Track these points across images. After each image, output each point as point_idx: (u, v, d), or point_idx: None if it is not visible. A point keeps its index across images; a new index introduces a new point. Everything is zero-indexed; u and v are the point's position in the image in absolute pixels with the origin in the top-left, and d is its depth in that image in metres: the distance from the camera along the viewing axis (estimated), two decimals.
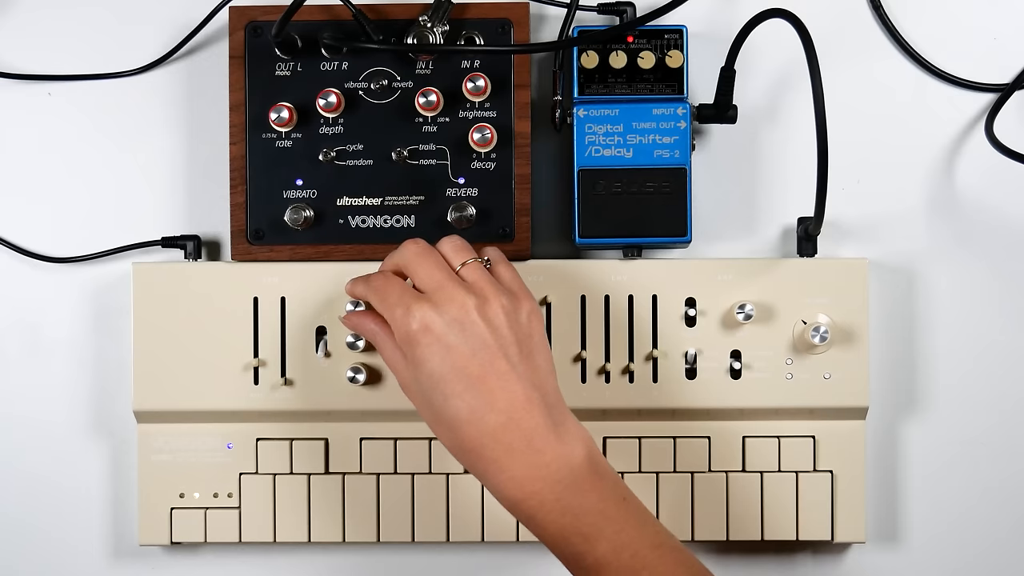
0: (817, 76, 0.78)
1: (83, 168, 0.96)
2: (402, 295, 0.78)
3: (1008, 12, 0.96)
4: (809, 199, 0.85)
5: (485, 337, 0.77)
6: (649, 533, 0.77)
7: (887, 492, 0.96)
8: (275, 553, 0.96)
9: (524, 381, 0.77)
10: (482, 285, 0.78)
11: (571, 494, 0.76)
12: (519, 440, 0.76)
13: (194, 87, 0.96)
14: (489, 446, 0.76)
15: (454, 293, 0.77)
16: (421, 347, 0.77)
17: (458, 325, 0.76)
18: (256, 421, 0.92)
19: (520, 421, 0.76)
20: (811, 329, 0.89)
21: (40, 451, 0.96)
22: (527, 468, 0.76)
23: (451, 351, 0.76)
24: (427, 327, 0.76)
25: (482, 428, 0.76)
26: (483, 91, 0.90)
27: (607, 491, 0.77)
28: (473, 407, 0.76)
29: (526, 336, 0.79)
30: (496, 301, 0.78)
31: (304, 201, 0.91)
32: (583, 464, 0.77)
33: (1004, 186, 0.95)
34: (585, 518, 0.76)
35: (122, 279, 0.95)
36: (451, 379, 0.76)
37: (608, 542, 0.75)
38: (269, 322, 0.91)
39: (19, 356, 0.96)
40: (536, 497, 0.76)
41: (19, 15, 0.97)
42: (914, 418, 0.96)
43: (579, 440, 0.78)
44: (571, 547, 0.76)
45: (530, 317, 0.79)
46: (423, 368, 0.77)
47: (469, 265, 0.80)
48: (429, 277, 0.79)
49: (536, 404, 0.77)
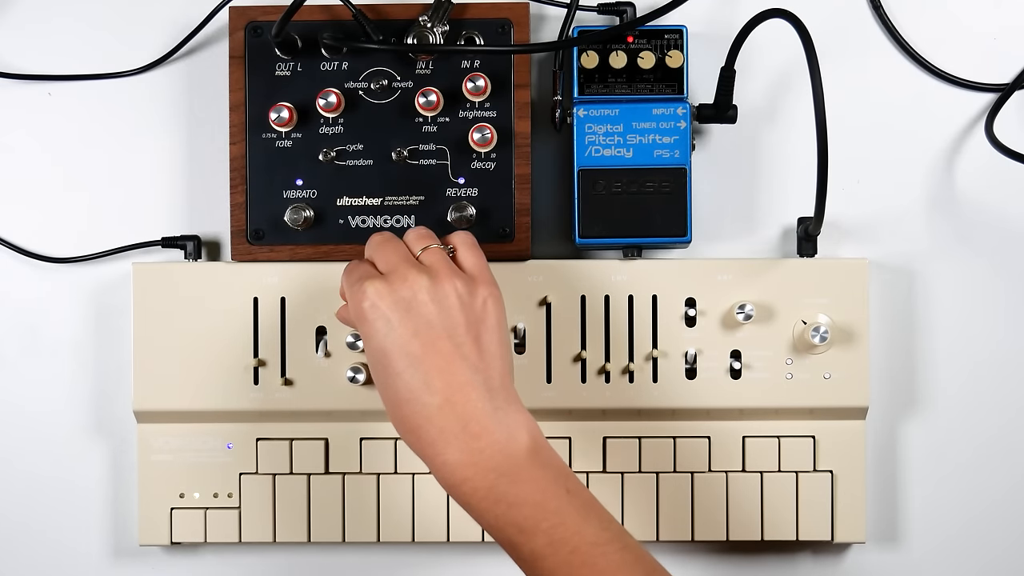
0: (817, 76, 0.78)
1: (83, 168, 0.96)
2: (361, 276, 0.78)
3: (1008, 12, 0.96)
4: (809, 199, 0.85)
5: (431, 317, 0.76)
6: (593, 529, 0.74)
7: (887, 492, 0.96)
8: (275, 553, 0.96)
9: (466, 364, 0.76)
10: (438, 268, 0.77)
11: (506, 483, 0.74)
12: (454, 423, 0.75)
13: (194, 87, 0.96)
14: (425, 427, 0.75)
15: (407, 273, 0.76)
16: (368, 323, 0.76)
17: (404, 303, 0.76)
18: (256, 421, 0.92)
19: (456, 404, 0.75)
20: (811, 329, 0.89)
21: (40, 451, 0.96)
22: (461, 453, 0.75)
23: (394, 329, 0.75)
24: (375, 304, 0.76)
25: (419, 408, 0.75)
26: (483, 91, 0.90)
27: (547, 482, 0.75)
28: (411, 386, 0.75)
29: (477, 320, 0.77)
30: (449, 283, 0.77)
31: (304, 201, 0.91)
32: (522, 453, 0.75)
33: (1004, 186, 0.95)
34: (521, 509, 0.74)
35: (122, 279, 0.95)
36: (393, 357, 0.75)
37: (545, 536, 0.74)
38: (269, 322, 0.91)
39: (19, 356, 0.96)
40: (469, 483, 0.75)
41: (19, 15, 0.97)
42: (914, 418, 0.96)
43: (521, 427, 0.76)
44: (506, 537, 0.75)
45: (486, 302, 0.78)
46: (370, 344, 0.76)
47: (430, 250, 0.79)
48: (387, 260, 0.78)
49: (476, 388, 0.75)
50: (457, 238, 0.81)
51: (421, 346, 0.75)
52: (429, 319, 0.76)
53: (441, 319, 0.76)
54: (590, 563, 0.73)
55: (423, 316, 0.76)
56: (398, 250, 0.79)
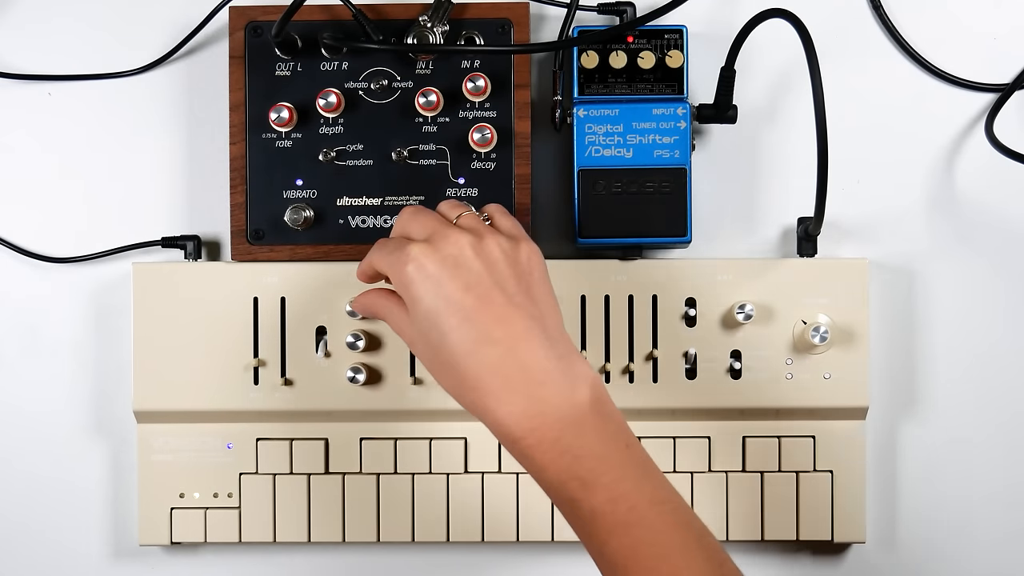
0: (817, 76, 0.78)
1: (83, 168, 0.96)
2: (399, 244, 0.76)
3: (1008, 12, 0.96)
4: (809, 199, 0.85)
5: (480, 271, 0.74)
6: (650, 487, 0.73)
7: (887, 492, 0.96)
8: (275, 553, 0.96)
9: (523, 312, 0.74)
10: (479, 227, 0.76)
11: (572, 434, 0.72)
12: (518, 372, 0.73)
13: (194, 87, 0.96)
14: (487, 379, 0.73)
15: (448, 233, 0.75)
16: (415, 286, 0.74)
17: (451, 260, 0.74)
18: (256, 421, 0.92)
19: (519, 352, 0.73)
20: (811, 329, 0.89)
21: (40, 451, 0.96)
22: (527, 402, 0.72)
23: (444, 286, 0.74)
24: (421, 266, 0.74)
25: (480, 360, 0.73)
26: (483, 91, 0.90)
27: (609, 435, 0.73)
28: (469, 339, 0.73)
29: (525, 273, 0.76)
30: (492, 239, 0.76)
31: (304, 201, 0.91)
32: (587, 403, 0.73)
33: (1004, 186, 0.95)
34: (585, 462, 0.72)
35: (122, 279, 0.95)
36: (446, 313, 0.73)
37: (606, 491, 0.72)
38: (269, 322, 0.91)
39: (19, 356, 0.96)
40: (535, 434, 0.72)
41: (19, 15, 0.97)
42: (914, 418, 0.96)
43: (584, 377, 0.74)
44: (567, 492, 0.72)
45: (530, 257, 0.77)
46: (419, 307, 0.74)
47: (465, 215, 0.78)
48: (424, 226, 0.77)
49: (536, 336, 0.73)
50: (490, 207, 0.81)
51: (475, 299, 0.73)
52: (478, 273, 0.74)
53: (489, 273, 0.74)
54: (647, 522, 0.72)
55: (472, 271, 0.74)
56: (434, 217, 0.77)
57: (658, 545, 0.72)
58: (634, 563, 0.71)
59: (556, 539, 0.92)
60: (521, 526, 0.92)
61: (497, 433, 0.74)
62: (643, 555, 0.71)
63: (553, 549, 0.95)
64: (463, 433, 0.92)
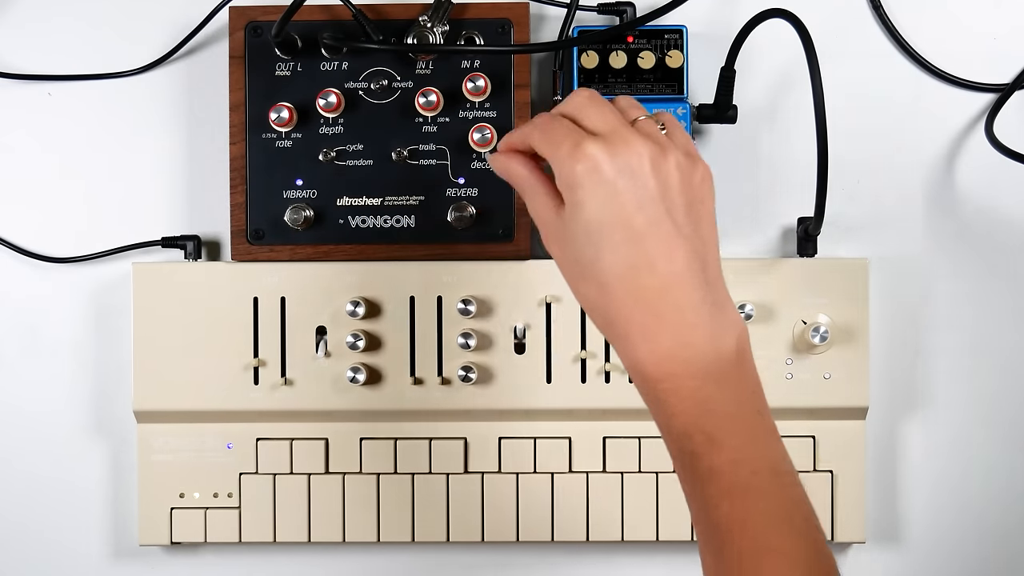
0: (817, 76, 0.78)
1: (83, 168, 0.96)
2: (571, 132, 0.68)
3: (1008, 12, 0.96)
4: (809, 199, 0.85)
5: (653, 191, 0.67)
6: (775, 456, 0.69)
7: (887, 492, 0.96)
8: (275, 553, 0.96)
9: (688, 247, 0.68)
10: (659, 138, 0.69)
11: (712, 387, 0.68)
12: (672, 311, 0.67)
13: (194, 87, 0.96)
14: (638, 310, 0.67)
15: (630, 138, 0.67)
16: (585, 189, 0.67)
17: (629, 172, 0.67)
18: (256, 421, 0.92)
19: (676, 290, 0.67)
20: (811, 329, 0.89)
21: (40, 451, 0.96)
22: (673, 343, 0.67)
23: (617, 198, 0.66)
24: (596, 167, 0.66)
25: (635, 289, 0.67)
26: (483, 91, 0.90)
27: (746, 395, 0.69)
28: (631, 263, 0.67)
29: (697, 201, 0.69)
30: (672, 155, 0.68)
31: (304, 201, 0.91)
32: (731, 357, 0.69)
33: (1004, 186, 0.95)
34: (716, 418, 0.68)
35: (122, 279, 0.95)
36: (612, 229, 0.67)
37: (731, 452, 0.67)
38: (269, 322, 0.91)
39: (19, 356, 0.96)
40: (674, 380, 0.67)
41: (19, 15, 0.97)
42: (914, 418, 0.96)
43: (732, 329, 0.69)
44: (691, 445, 0.68)
45: (704, 180, 0.70)
46: (582, 212, 0.67)
47: (644, 121, 0.70)
48: (603, 121, 0.69)
49: (695, 276, 0.68)
50: (665, 115, 0.72)
51: (645, 222, 0.67)
52: (652, 193, 0.67)
53: (662, 195, 0.67)
54: (764, 491, 0.68)
55: (646, 188, 0.67)
56: (614, 112, 0.70)
57: (770, 517, 0.68)
58: (741, 531, 0.68)
59: (556, 539, 0.92)
60: (521, 526, 0.92)
61: (631, 369, 0.69)
62: (752, 524, 0.68)
63: (553, 549, 0.95)
64: (463, 433, 0.92)
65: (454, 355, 0.91)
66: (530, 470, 0.92)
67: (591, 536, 0.92)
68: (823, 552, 0.70)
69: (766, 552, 0.69)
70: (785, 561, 0.69)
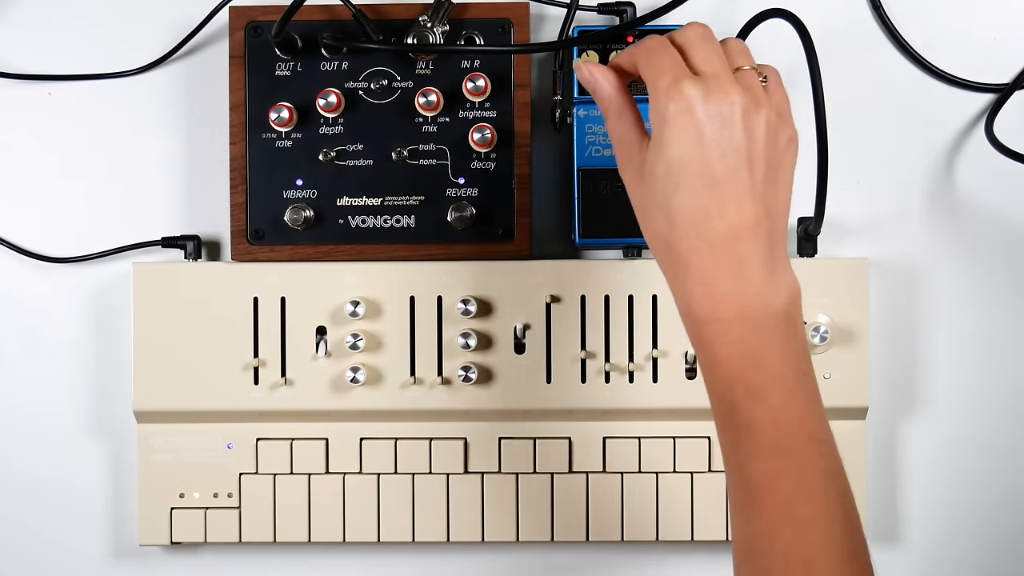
0: (817, 76, 0.78)
1: (83, 168, 0.96)
2: (675, 66, 0.71)
3: (1008, 12, 0.96)
4: (809, 199, 0.85)
5: (739, 144, 0.70)
6: (815, 422, 0.70)
7: (887, 492, 0.96)
8: (275, 553, 0.96)
9: (761, 204, 0.70)
10: (756, 92, 0.71)
11: (758, 339, 0.70)
12: (732, 259, 0.70)
13: (194, 87, 0.96)
14: (702, 252, 0.70)
15: (728, 87, 0.70)
16: (674, 127, 0.69)
17: (719, 119, 0.69)
18: (256, 421, 0.92)
19: (741, 240, 0.70)
20: (811, 329, 0.89)
21: (40, 451, 0.96)
22: (728, 290, 0.70)
23: (702, 143, 0.69)
24: (688, 109, 0.69)
25: (702, 232, 0.69)
26: (483, 91, 0.90)
27: (792, 356, 0.71)
28: (702, 206, 0.69)
29: (777, 162, 0.72)
30: (765, 112, 0.71)
31: (304, 201, 0.91)
32: (782, 315, 0.71)
33: (1004, 186, 0.95)
34: (760, 372, 0.70)
35: (122, 279, 0.95)
36: (691, 171, 0.69)
37: (770, 410, 0.69)
38: (269, 322, 0.91)
39: (19, 356, 0.96)
40: (723, 324, 0.70)
41: (19, 15, 0.97)
42: (914, 418, 0.96)
43: (788, 289, 0.71)
44: (731, 395, 0.70)
45: (790, 143, 0.73)
46: (666, 149, 0.70)
47: (747, 71, 0.72)
48: (708, 61, 0.71)
49: (762, 232, 0.70)
50: (768, 69, 0.75)
51: (724, 170, 0.69)
52: (737, 145, 0.70)
53: (747, 149, 0.70)
54: (800, 455, 0.69)
55: (733, 139, 0.70)
56: (721, 57, 0.72)
57: (803, 483, 0.70)
58: (773, 491, 0.69)
59: (556, 539, 0.92)
60: (521, 526, 0.92)
61: (684, 308, 0.72)
62: (785, 486, 0.69)
63: (553, 549, 0.95)
64: (463, 433, 0.92)
65: (454, 355, 0.91)
66: (530, 470, 0.92)
67: (591, 536, 0.92)
68: (854, 529, 0.70)
69: (795, 520, 0.69)
70: (813, 532, 0.69)
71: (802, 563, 0.69)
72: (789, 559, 0.69)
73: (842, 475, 0.71)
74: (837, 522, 0.70)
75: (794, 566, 0.69)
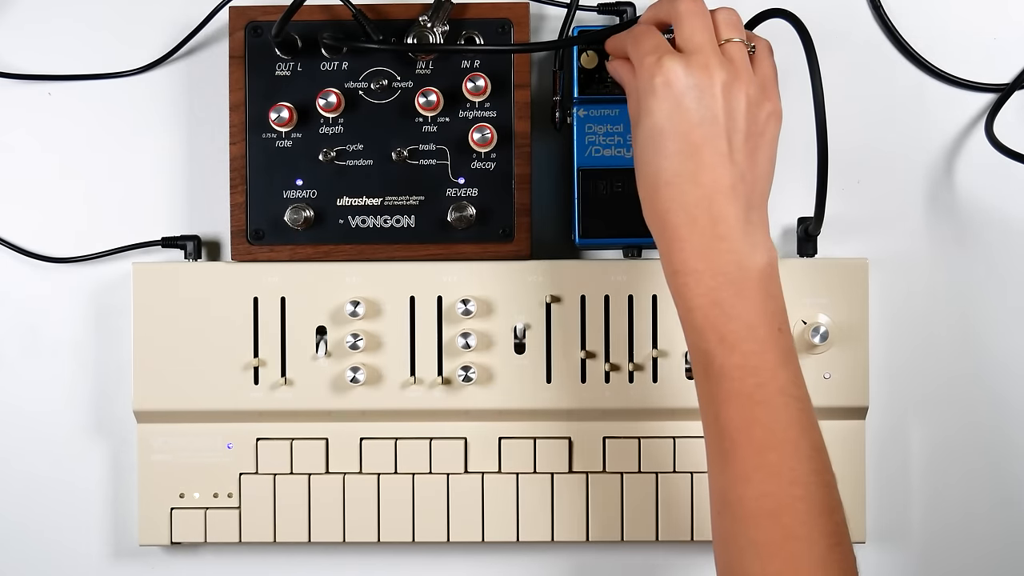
0: (817, 76, 0.78)
1: (83, 168, 0.96)
2: (658, 46, 0.76)
3: (1008, 12, 0.96)
4: (809, 199, 0.85)
5: (717, 113, 0.74)
6: (786, 377, 0.73)
7: (888, 492, 0.96)
8: (275, 553, 0.96)
9: (736, 170, 0.75)
10: (739, 66, 0.76)
11: (730, 292, 0.74)
12: (706, 218, 0.74)
13: (194, 87, 0.96)
14: (675, 212, 0.74)
15: (710, 60, 0.75)
16: (654, 98, 0.75)
17: (698, 90, 0.74)
18: (256, 421, 0.92)
19: (714, 203, 0.74)
20: (811, 329, 0.89)
21: (40, 451, 0.96)
22: (701, 245, 0.74)
23: (680, 111, 0.74)
24: (669, 81, 0.74)
25: (678, 194, 0.74)
26: (483, 91, 0.90)
27: (765, 311, 0.74)
28: (678, 172, 0.74)
29: (758, 132, 0.76)
30: (744, 86, 0.75)
31: (304, 201, 0.91)
32: (756, 272, 0.74)
33: (1004, 186, 0.95)
34: (732, 323, 0.73)
35: (122, 279, 0.95)
36: (669, 137, 0.74)
37: (741, 358, 0.73)
38: (269, 322, 0.91)
39: (19, 356, 0.96)
40: (695, 276, 0.74)
41: (19, 15, 0.97)
42: (914, 418, 0.96)
43: (764, 249, 0.75)
44: (705, 343, 0.74)
45: (770, 117, 0.77)
46: (648, 119, 0.75)
47: (734, 43, 0.77)
48: (692, 37, 0.76)
49: (737, 196, 0.74)
50: (760, 41, 0.80)
51: (701, 138, 0.74)
52: (715, 114, 0.74)
53: (726, 119, 0.75)
54: (769, 405, 0.72)
55: (711, 110, 0.74)
56: (707, 30, 0.76)
57: (773, 433, 0.72)
58: (745, 440, 0.72)
59: (556, 539, 0.92)
60: (521, 526, 0.92)
61: (665, 269, 0.76)
62: (755, 436, 0.72)
63: (553, 549, 0.95)
64: (463, 433, 0.92)
65: (454, 355, 0.91)
66: (530, 470, 0.92)
67: (591, 536, 0.92)
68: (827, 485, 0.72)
69: (765, 468, 0.72)
70: (782, 482, 0.71)
71: (770, 513, 0.71)
72: (758, 509, 0.72)
73: (816, 432, 0.73)
74: (809, 475, 0.72)
75: (763, 517, 0.71)
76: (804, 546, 0.71)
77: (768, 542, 0.71)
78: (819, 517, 0.71)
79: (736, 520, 0.73)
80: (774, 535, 0.71)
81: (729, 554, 0.73)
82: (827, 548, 0.71)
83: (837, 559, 0.71)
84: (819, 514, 0.71)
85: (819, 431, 0.74)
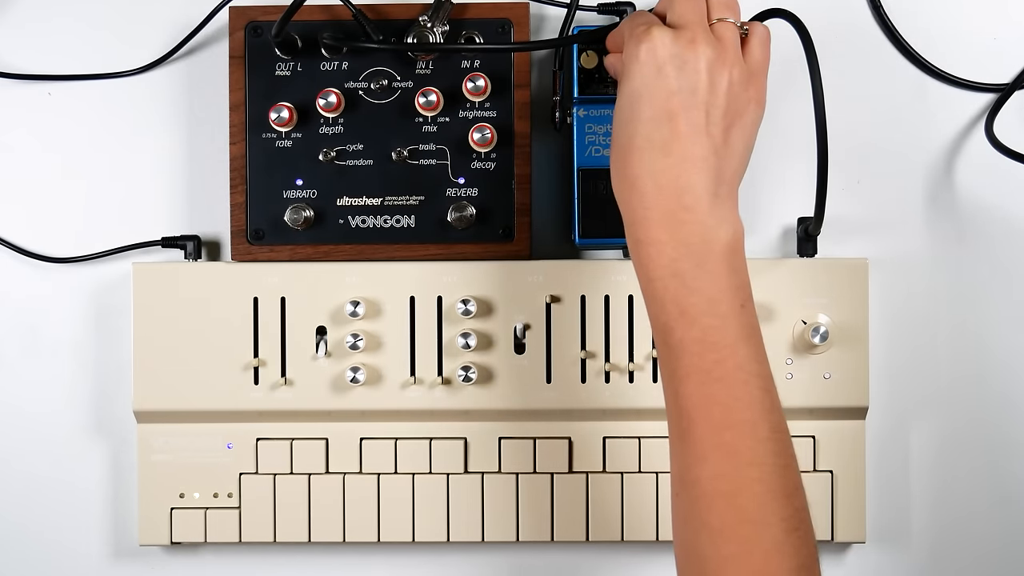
0: (817, 76, 0.78)
1: (83, 168, 0.96)
2: (651, 21, 0.76)
3: (1008, 12, 0.96)
4: (809, 199, 0.85)
5: (698, 87, 0.74)
6: (747, 352, 0.72)
7: (887, 492, 0.96)
8: (275, 553, 0.96)
9: (710, 143, 0.74)
10: (726, 46, 0.75)
11: (691, 264, 0.72)
12: (672, 188, 0.73)
13: (194, 87, 0.96)
14: (644, 180, 0.73)
15: (696, 36, 0.74)
16: (637, 63, 0.74)
17: (680, 60, 0.73)
18: (256, 421, 0.92)
19: (683, 173, 0.73)
20: (811, 329, 0.89)
21: (40, 451, 0.96)
22: (665, 215, 0.73)
23: (660, 77, 0.73)
24: (653, 49, 0.74)
25: (647, 160, 0.73)
26: (483, 91, 0.90)
27: (728, 287, 0.73)
28: (650, 138, 0.74)
29: (737, 112, 0.75)
30: (729, 67, 0.75)
31: (304, 201, 0.91)
32: (720, 246, 0.73)
33: (1004, 186, 0.95)
34: (692, 296, 0.72)
35: (122, 279, 0.95)
36: (646, 102, 0.74)
37: (700, 331, 0.71)
38: (269, 322, 0.91)
39: (19, 356, 0.96)
40: (658, 247, 0.73)
41: (19, 15, 0.97)
42: (914, 418, 0.96)
43: (729, 224, 0.74)
44: (665, 316, 0.73)
45: (750, 103, 0.76)
46: (628, 84, 0.75)
47: (726, 23, 0.76)
48: (682, 15, 0.76)
49: (707, 169, 0.73)
50: (757, 27, 0.79)
51: (678, 106, 0.73)
52: (695, 87, 0.74)
53: (706, 94, 0.74)
54: (727, 382, 0.71)
55: (691, 82, 0.74)
56: (699, 11, 0.76)
57: (731, 412, 0.71)
58: (703, 418, 0.71)
59: (556, 539, 0.92)
60: (521, 526, 0.92)
61: (628, 236, 0.75)
62: (713, 414, 0.71)
63: (553, 549, 0.95)
64: (463, 433, 0.92)
65: (454, 355, 0.91)
66: (530, 470, 0.92)
67: (591, 536, 0.92)
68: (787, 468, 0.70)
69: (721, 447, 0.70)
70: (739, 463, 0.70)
71: (725, 495, 0.70)
72: (714, 490, 0.70)
73: (778, 413, 0.72)
74: (767, 456, 0.70)
75: (718, 498, 0.70)
76: (760, 529, 0.69)
77: (723, 524, 0.69)
78: (776, 500, 0.69)
79: (692, 501, 0.71)
80: (729, 517, 0.69)
81: (685, 536, 0.72)
82: (783, 532, 0.69)
83: (795, 544, 0.69)
84: (776, 497, 0.69)
85: (781, 412, 0.72)
